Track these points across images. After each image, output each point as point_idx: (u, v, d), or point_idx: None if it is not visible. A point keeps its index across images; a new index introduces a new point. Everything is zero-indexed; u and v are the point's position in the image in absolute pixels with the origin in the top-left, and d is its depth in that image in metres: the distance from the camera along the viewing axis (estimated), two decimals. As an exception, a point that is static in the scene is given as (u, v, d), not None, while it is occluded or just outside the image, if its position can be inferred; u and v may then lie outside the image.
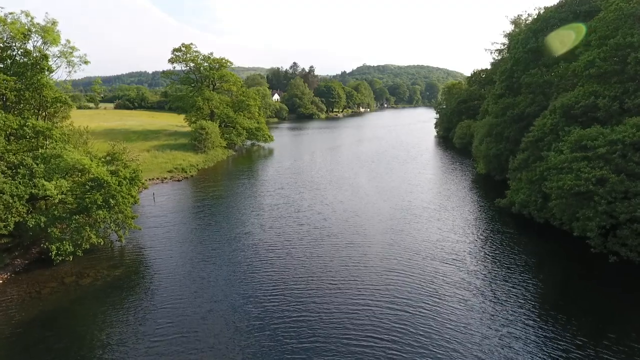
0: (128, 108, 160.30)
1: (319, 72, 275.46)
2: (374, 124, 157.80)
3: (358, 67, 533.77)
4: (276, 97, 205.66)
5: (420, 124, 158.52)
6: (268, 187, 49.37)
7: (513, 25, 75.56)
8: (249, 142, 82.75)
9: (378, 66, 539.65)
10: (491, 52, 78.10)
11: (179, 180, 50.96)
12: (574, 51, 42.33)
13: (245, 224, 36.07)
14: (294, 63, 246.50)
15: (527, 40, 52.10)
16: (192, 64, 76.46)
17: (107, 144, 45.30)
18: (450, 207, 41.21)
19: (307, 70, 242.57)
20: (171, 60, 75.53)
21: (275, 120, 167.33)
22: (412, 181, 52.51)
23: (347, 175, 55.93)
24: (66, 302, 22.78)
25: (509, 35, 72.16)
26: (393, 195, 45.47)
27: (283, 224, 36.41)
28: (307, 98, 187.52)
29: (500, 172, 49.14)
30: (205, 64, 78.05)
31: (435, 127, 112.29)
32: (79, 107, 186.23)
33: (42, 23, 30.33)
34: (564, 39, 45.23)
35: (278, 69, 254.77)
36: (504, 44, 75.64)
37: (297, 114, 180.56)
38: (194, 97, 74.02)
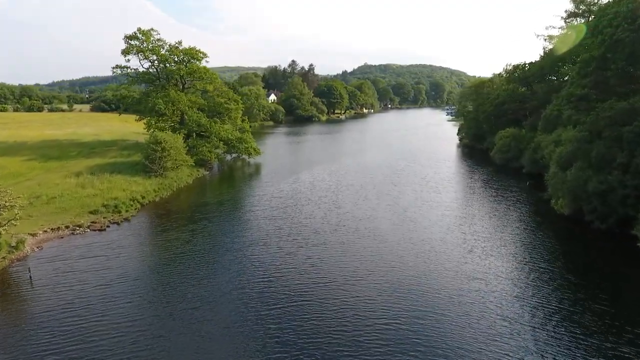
0: (104, 110, 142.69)
1: (319, 71, 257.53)
2: (381, 128, 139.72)
3: (359, 67, 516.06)
4: (273, 97, 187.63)
5: (432, 127, 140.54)
6: (241, 241, 31.46)
7: (573, 5, 57.52)
8: (231, 156, 64.52)
9: (380, 65, 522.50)
10: (545, 39, 60.07)
11: (101, 230, 32.91)
12: None
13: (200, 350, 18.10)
14: (293, 61, 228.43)
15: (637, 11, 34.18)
16: (153, 57, 58.37)
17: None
18: (550, 300, 23.08)
19: (307, 69, 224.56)
20: (125, 52, 57.39)
21: (271, 123, 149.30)
22: (462, 227, 34.41)
23: (361, 213, 37.96)
24: None
25: (577, 15, 54.10)
26: (443, 269, 27.45)
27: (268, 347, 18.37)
28: (306, 99, 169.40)
29: (603, 218, 31.25)
30: (174, 57, 59.98)
31: (458, 134, 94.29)
32: (51, 110, 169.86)
33: None
34: None
35: (276, 67, 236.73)
36: (563, 28, 57.60)
37: (295, 116, 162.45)
38: (153, 99, 55.99)
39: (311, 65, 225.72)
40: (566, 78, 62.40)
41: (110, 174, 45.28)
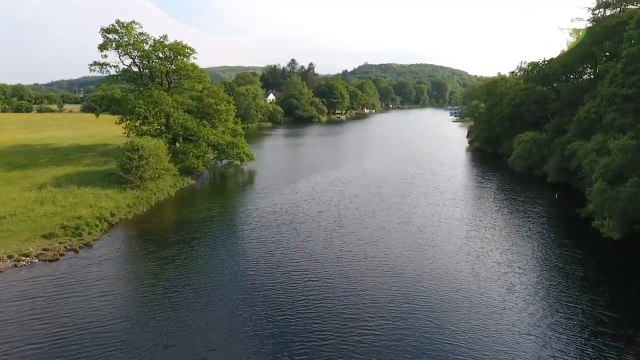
0: (94, 110, 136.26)
1: (319, 71, 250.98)
2: (384, 129, 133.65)
3: (360, 66, 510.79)
4: (272, 97, 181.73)
5: (438, 128, 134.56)
6: (223, 273, 25.49)
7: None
8: (220, 162, 58.44)
9: (380, 65, 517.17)
10: (570, 33, 53.99)
11: (52, 260, 26.90)
12: None
13: None
14: (292, 60, 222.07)
15: None
16: (135, 52, 52.26)
17: None
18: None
19: (307, 68, 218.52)
20: (102, 47, 51.29)
21: (269, 124, 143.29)
22: (493, 254, 28.41)
23: (369, 235, 31.98)
24: None
25: (608, 4, 47.93)
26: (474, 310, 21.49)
27: None
28: (305, 98, 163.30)
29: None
30: (159, 53, 53.95)
31: (467, 136, 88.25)
32: (39, 110, 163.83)
33: None
34: None
35: (275, 66, 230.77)
36: (591, 20, 51.43)
37: (294, 116, 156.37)
38: (135, 99, 49.92)
39: (311, 64, 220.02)
40: (591, 76, 56.61)
41: (79, 185, 39.26)
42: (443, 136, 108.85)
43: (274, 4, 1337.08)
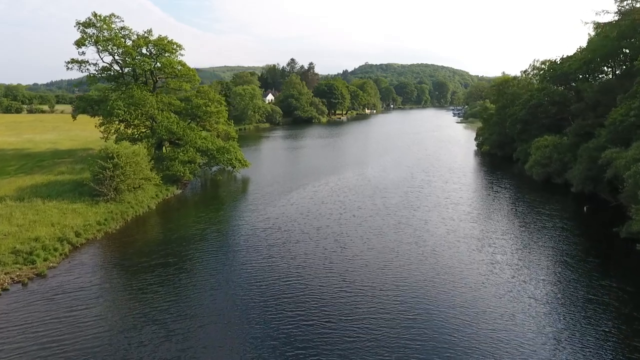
0: (85, 111, 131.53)
1: (320, 70, 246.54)
2: (387, 131, 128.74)
3: (360, 66, 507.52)
4: (270, 97, 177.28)
5: (442, 130, 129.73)
6: (202, 312, 20.71)
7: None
8: (210, 169, 53.57)
9: (381, 65, 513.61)
10: (595, 27, 49.02)
11: (-8, 297, 22.23)
12: None
13: None
14: (292, 59, 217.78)
15: None
16: (113, 48, 47.41)
17: None
18: None
19: (307, 68, 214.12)
20: (79, 43, 46.48)
21: (267, 125, 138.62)
22: (527, 287, 23.51)
23: (376, 259, 27.20)
24: None
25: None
26: None
27: None
28: (305, 99, 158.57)
29: None
30: (142, 49, 49.13)
31: (475, 139, 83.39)
32: (30, 111, 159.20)
33: None
34: None
35: (274, 65, 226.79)
36: (618, 12, 46.48)
37: (293, 117, 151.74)
38: (112, 100, 45.11)
39: (311, 63, 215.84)
40: (616, 73, 51.79)
41: (45, 199, 34.50)
42: (448, 138, 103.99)
43: (274, 3, 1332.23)
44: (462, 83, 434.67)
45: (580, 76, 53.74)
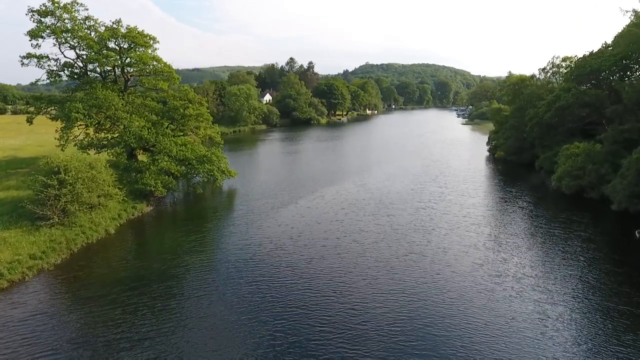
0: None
1: (319, 70, 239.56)
2: (390, 133, 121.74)
3: (361, 66, 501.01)
4: (268, 97, 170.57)
5: (447, 132, 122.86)
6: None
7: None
8: (194, 179, 46.63)
9: (382, 64, 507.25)
10: (631, 16, 42.21)
11: None
12: None
13: None
14: (291, 59, 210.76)
15: None
16: (75, 41, 40.67)
17: None
18: None
19: (306, 67, 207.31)
20: (33, 34, 39.75)
21: (263, 127, 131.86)
22: (581, 347, 16.92)
23: (383, 304, 20.50)
24: None
25: None
26: None
27: None
28: (303, 99, 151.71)
29: None
30: (110, 42, 42.40)
31: (487, 144, 76.52)
32: (14, 112, 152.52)
33: None
34: None
35: (273, 65, 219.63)
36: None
37: (291, 118, 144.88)
38: (71, 102, 38.35)
39: (310, 63, 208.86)
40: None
41: (-28, 223, 27.73)
42: (455, 141, 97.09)
43: (274, 3, 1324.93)
44: (464, 83, 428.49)
45: (616, 75, 46.90)
